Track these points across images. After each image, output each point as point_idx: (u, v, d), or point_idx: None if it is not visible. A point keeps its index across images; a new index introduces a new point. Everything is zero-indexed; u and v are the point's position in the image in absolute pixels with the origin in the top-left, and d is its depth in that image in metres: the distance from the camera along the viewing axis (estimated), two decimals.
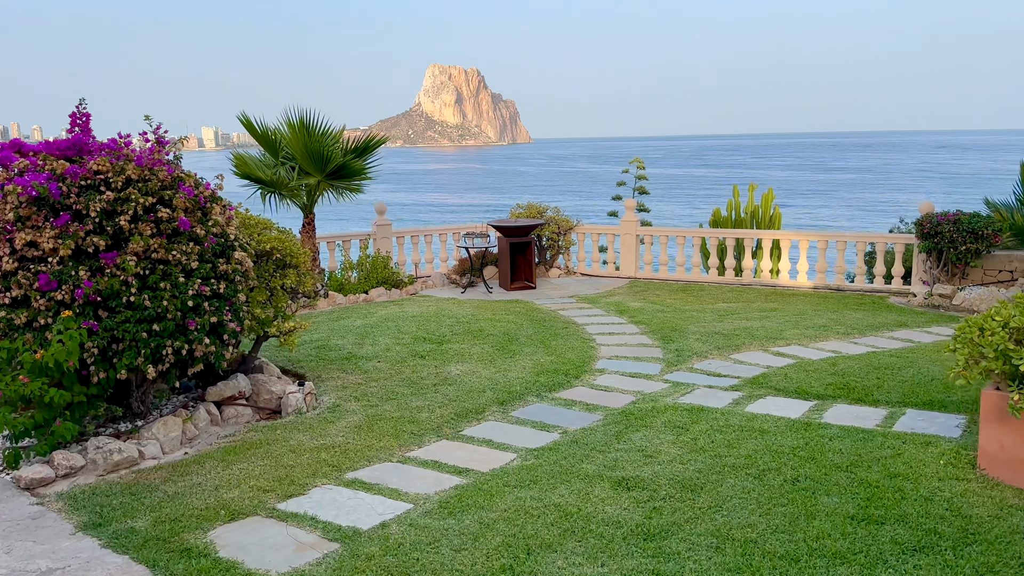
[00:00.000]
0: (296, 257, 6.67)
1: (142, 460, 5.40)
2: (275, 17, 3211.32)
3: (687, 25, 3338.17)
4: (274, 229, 12.07)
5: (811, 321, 10.46)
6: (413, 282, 13.49)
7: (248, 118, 11.61)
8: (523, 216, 14.77)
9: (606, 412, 6.69)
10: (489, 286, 13.65)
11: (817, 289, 13.10)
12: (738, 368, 8.23)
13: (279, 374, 7.22)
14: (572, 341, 9.37)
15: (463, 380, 7.63)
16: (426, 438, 6.00)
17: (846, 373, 7.84)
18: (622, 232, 14.59)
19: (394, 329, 9.89)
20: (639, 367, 8.28)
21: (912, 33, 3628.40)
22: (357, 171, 11.63)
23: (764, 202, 16.24)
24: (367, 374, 7.84)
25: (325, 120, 11.50)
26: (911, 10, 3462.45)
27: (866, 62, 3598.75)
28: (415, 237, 14.77)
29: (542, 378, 7.74)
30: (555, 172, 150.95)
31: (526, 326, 10.17)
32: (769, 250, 13.64)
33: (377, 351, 8.77)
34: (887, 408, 6.80)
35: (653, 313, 11.10)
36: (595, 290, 13.38)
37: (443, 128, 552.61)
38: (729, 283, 13.78)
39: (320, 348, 8.92)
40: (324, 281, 12.42)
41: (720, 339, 9.40)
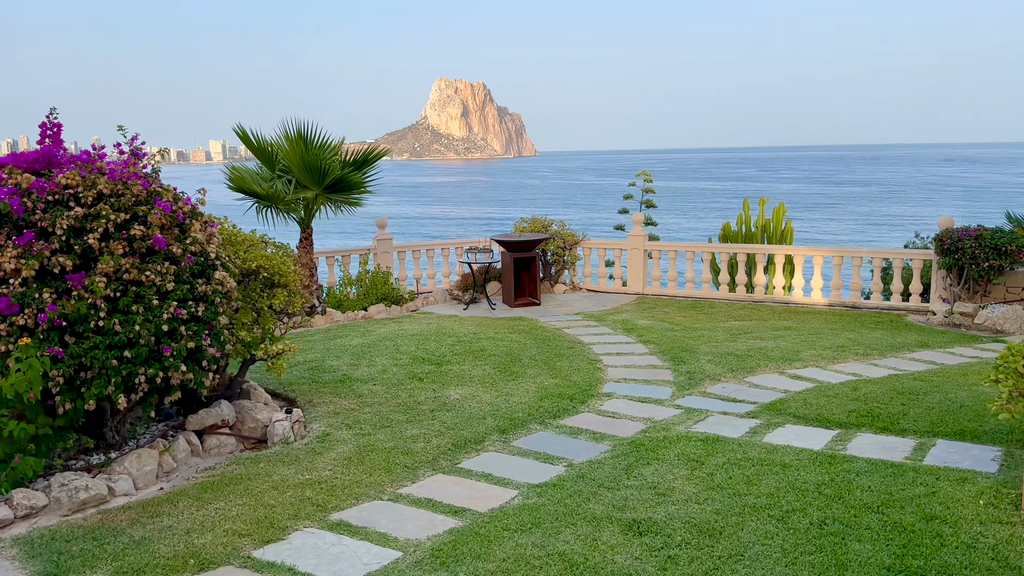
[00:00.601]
0: (285, 276, 6.27)
1: (112, 498, 4.98)
2: (282, 29, 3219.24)
3: (693, 40, 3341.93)
4: (270, 245, 11.68)
5: (828, 341, 10.01)
6: (414, 298, 13.09)
7: (245, 130, 11.26)
8: (527, 230, 14.37)
9: (614, 442, 6.25)
10: (492, 302, 13.23)
11: (832, 306, 12.65)
12: (754, 392, 7.79)
13: (267, 399, 6.80)
14: (578, 362, 8.94)
15: (462, 405, 7.20)
16: (420, 472, 5.57)
17: (869, 399, 7.39)
18: (629, 247, 14.17)
19: (392, 349, 9.48)
20: (649, 391, 7.84)
21: (916, 46, 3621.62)
22: (356, 184, 11.26)
23: (775, 216, 15.81)
24: (361, 398, 7.42)
25: (323, 132, 11.17)
26: (915, 24, 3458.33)
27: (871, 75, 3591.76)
28: (416, 252, 14.38)
29: (546, 403, 7.30)
30: (561, 185, 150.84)
31: (530, 346, 9.75)
32: (782, 266, 13.21)
33: (373, 373, 8.35)
34: (915, 438, 6.35)
35: (662, 332, 10.67)
36: (601, 307, 12.95)
37: (449, 141, 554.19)
38: (740, 300, 13.33)
39: (314, 369, 8.50)
40: (322, 297, 12.03)
41: (733, 360, 8.96)
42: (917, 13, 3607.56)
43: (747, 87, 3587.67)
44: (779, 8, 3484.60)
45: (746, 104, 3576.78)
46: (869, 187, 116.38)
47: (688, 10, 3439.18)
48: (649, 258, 14.43)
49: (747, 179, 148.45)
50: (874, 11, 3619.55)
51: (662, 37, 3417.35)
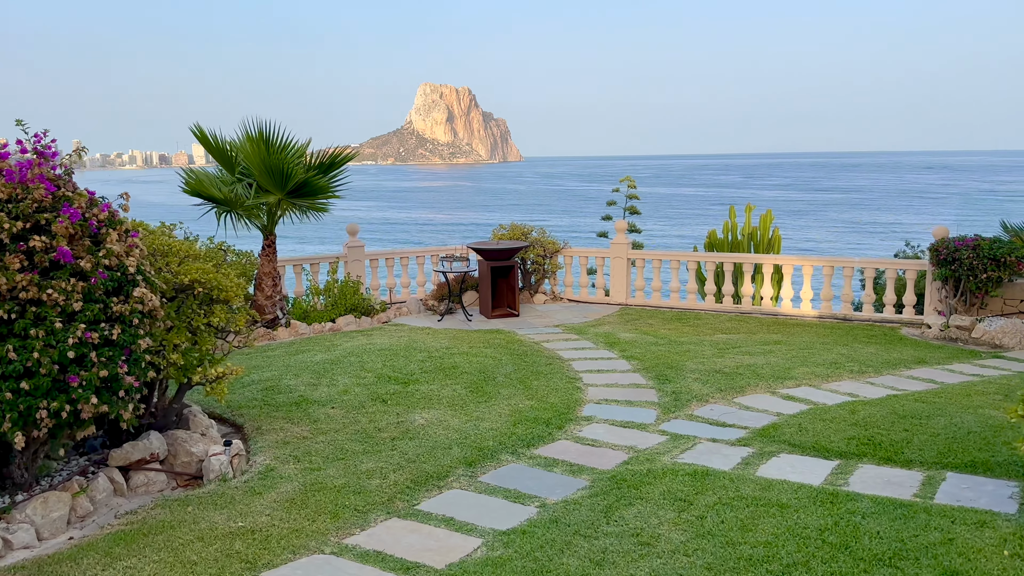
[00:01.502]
0: (226, 291, 5.60)
1: (7, 552, 4.29)
2: (268, 34, 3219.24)
3: (676, 46, 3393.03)
4: (230, 253, 11.00)
5: (820, 356, 9.46)
6: (385, 309, 12.41)
7: (203, 130, 10.56)
8: (506, 237, 13.75)
9: (593, 476, 5.62)
10: (468, 313, 12.58)
11: (822, 318, 12.11)
12: (744, 416, 7.19)
13: (209, 426, 6.12)
14: (556, 381, 8.31)
15: (427, 432, 6.55)
16: (372, 516, 4.91)
17: (869, 423, 6.81)
18: (612, 255, 13.57)
19: (357, 366, 8.81)
20: (631, 414, 7.22)
21: (898, 55, 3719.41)
22: (321, 189, 10.57)
23: (762, 223, 15.28)
24: (316, 424, 6.74)
25: (287, 133, 10.48)
26: (896, 33, 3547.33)
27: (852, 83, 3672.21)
28: (390, 260, 13.71)
29: (520, 429, 6.67)
30: (545, 191, 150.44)
31: (505, 362, 9.11)
32: (770, 276, 12.66)
33: (333, 394, 7.68)
34: (922, 470, 5.77)
35: (646, 346, 10.07)
36: (583, 318, 12.34)
37: (434, 146, 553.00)
38: (727, 311, 12.77)
39: (268, 390, 7.82)
40: (286, 309, 11.34)
41: (721, 379, 8.37)
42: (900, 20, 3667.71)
43: (731, 94, 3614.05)
44: (762, 16, 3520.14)
45: (730, 111, 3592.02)
46: (852, 194, 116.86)
47: (672, 18, 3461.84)
48: (633, 267, 13.85)
49: (731, 186, 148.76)
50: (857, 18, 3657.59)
51: (646, 44, 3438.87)
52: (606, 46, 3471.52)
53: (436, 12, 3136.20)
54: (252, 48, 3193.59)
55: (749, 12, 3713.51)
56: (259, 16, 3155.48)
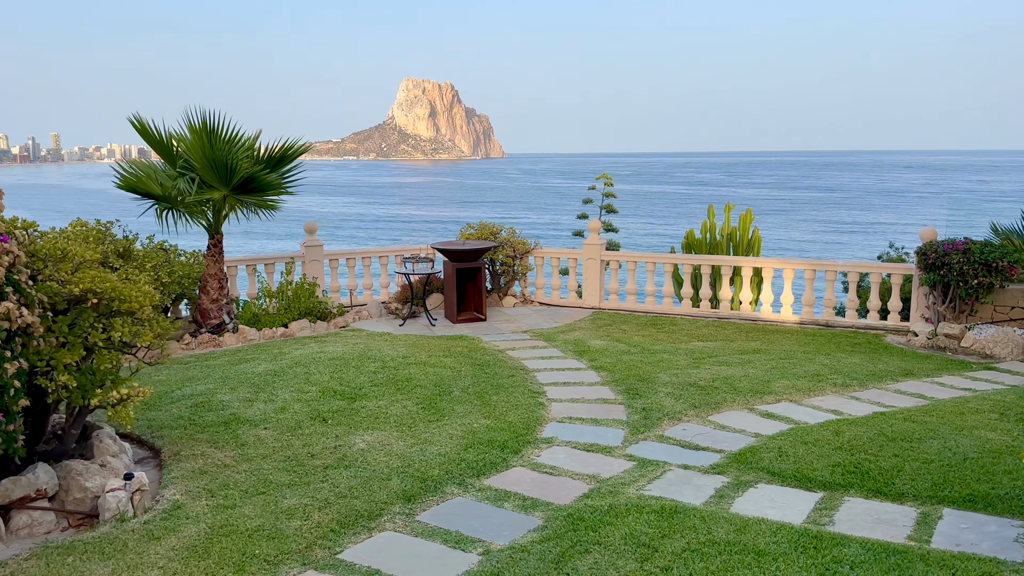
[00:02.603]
0: (129, 302, 4.88)
1: None
2: (245, 27, 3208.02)
3: (659, 44, 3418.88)
4: (171, 253, 10.23)
5: (801, 367, 8.87)
6: (343, 313, 11.69)
7: (142, 121, 9.78)
8: (474, 237, 13.06)
9: (548, 514, 4.96)
10: (433, 318, 11.89)
11: (803, 325, 11.54)
12: (719, 437, 6.57)
13: (117, 453, 5.40)
14: (517, 395, 7.65)
15: (367, 459, 5.86)
16: (284, 568, 4.22)
17: (854, 447, 6.21)
18: (585, 256, 12.93)
19: (302, 378, 8.10)
20: (597, 435, 6.58)
21: (875, 53, 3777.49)
22: (270, 185, 9.83)
23: (742, 224, 14.69)
24: (243, 449, 6.04)
25: (233, 124, 9.72)
26: (874, 30, 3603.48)
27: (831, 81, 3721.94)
28: (351, 260, 12.99)
29: (471, 454, 6.00)
30: (527, 187, 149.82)
31: (465, 373, 8.44)
32: (749, 279, 12.08)
33: (269, 412, 6.97)
34: (916, 505, 5.16)
35: (617, 355, 9.43)
36: (553, 323, 11.69)
37: (416, 142, 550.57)
38: (705, 316, 12.17)
39: (198, 407, 7.09)
40: (234, 313, 10.59)
41: (696, 393, 7.75)
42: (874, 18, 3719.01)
43: (712, 92, 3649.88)
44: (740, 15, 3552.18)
45: (712, 110, 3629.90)
46: (832, 193, 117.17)
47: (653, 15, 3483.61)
48: (607, 269, 13.21)
49: (712, 184, 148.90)
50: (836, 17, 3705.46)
51: (629, 41, 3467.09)
52: (588, 42, 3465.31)
53: (418, 6, 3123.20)
54: (234, 40, 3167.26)
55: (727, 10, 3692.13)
56: (240, 9, 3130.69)
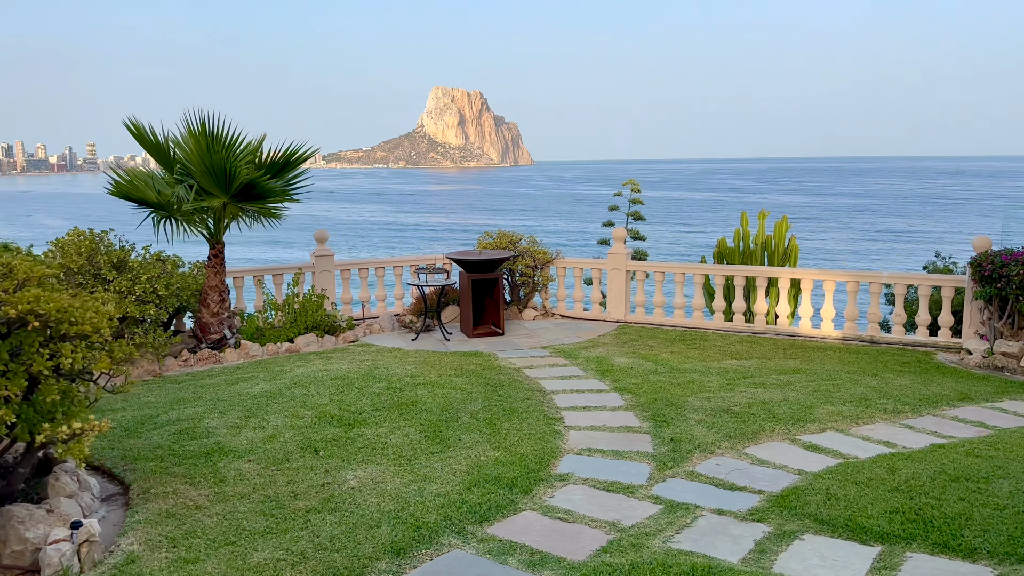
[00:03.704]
0: (80, 324, 4.28)
1: None
2: (277, 37, 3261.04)
3: (687, 51, 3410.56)
4: (168, 263, 9.68)
5: (846, 390, 8.06)
6: (353, 327, 11.07)
7: (139, 125, 9.26)
8: (492, 246, 12.39)
9: (558, 573, 4.25)
10: (447, 332, 11.23)
11: (846, 341, 10.69)
12: (758, 473, 5.81)
13: (74, 493, 4.79)
14: (532, 422, 6.94)
15: (356, 500, 5.19)
16: None
17: (913, 488, 5.42)
18: (609, 267, 12.19)
19: (299, 400, 7.47)
20: (619, 470, 5.85)
21: (911, 58, 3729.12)
22: (271, 192, 9.25)
23: (777, 231, 13.87)
24: (221, 486, 5.40)
25: (234, 127, 9.15)
26: (911, 34, 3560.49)
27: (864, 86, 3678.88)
28: (363, 270, 12.39)
29: (475, 494, 5.30)
30: (555, 194, 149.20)
31: (476, 395, 7.75)
32: (787, 291, 11.25)
33: (256, 441, 6.34)
34: (993, 566, 4.37)
35: (644, 375, 8.69)
36: (575, 338, 10.96)
37: (445, 149, 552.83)
38: (738, 331, 11.36)
39: (181, 434, 6.48)
40: (235, 327, 10.02)
41: (730, 420, 6.98)
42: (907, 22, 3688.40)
43: (743, 98, 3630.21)
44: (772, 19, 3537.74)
45: (743, 115, 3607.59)
46: (868, 199, 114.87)
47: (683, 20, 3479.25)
48: (633, 280, 12.47)
49: (744, 190, 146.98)
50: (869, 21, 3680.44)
51: (658, 49, 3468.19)
52: (617, 50, 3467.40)
53: (448, 15, 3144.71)
54: (262, 49, 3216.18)
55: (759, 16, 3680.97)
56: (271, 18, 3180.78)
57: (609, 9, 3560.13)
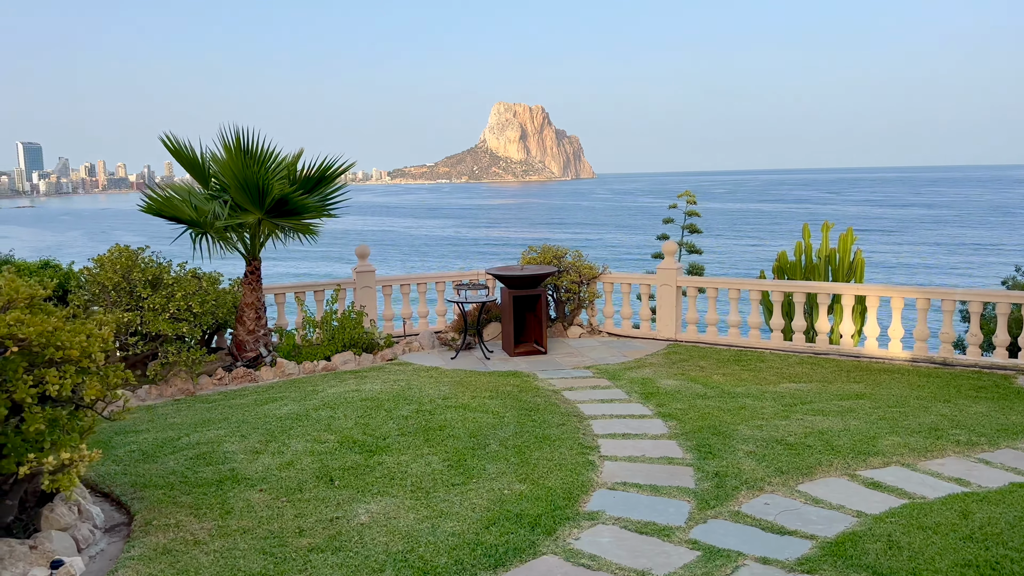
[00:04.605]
0: (67, 349, 4.04)
1: None
2: (344, 56, 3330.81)
3: (749, 59, 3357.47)
4: (203, 280, 9.54)
5: (914, 418, 7.35)
6: (391, 344, 10.79)
7: (175, 141, 9.17)
8: (535, 261, 11.97)
9: None
10: (488, 350, 10.85)
11: (916, 363, 9.89)
12: (811, 515, 5.23)
13: (66, 526, 4.54)
14: (564, 451, 6.48)
15: (364, 539, 4.81)
16: None
17: (989, 536, 4.77)
18: (659, 282, 11.63)
19: (324, 423, 7.17)
20: (655, 509, 5.34)
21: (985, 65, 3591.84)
22: (307, 207, 9.03)
23: (842, 245, 13.07)
24: (227, 518, 5.10)
25: (269, 141, 8.99)
26: (978, 44, 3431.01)
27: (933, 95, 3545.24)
28: (405, 286, 12.11)
29: (492, 533, 4.87)
30: (615, 207, 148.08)
31: (508, 420, 7.33)
32: (851, 308, 10.51)
33: (273, 467, 6.04)
34: None
35: (691, 399, 8.13)
36: (622, 357, 10.44)
37: (507, 164, 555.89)
38: (798, 351, 10.66)
39: (197, 459, 6.23)
40: (271, 345, 9.83)
41: (783, 453, 6.39)
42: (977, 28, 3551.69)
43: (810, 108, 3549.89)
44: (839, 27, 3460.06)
45: (807, 125, 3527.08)
46: (942, 210, 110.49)
47: (748, 30, 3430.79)
48: (684, 296, 11.87)
49: (809, 201, 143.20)
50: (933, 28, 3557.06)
51: (718, 59, 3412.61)
52: (681, 61, 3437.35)
53: (510, 32, 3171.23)
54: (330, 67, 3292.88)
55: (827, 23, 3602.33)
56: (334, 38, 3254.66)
57: (671, 20, 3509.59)
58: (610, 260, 12.31)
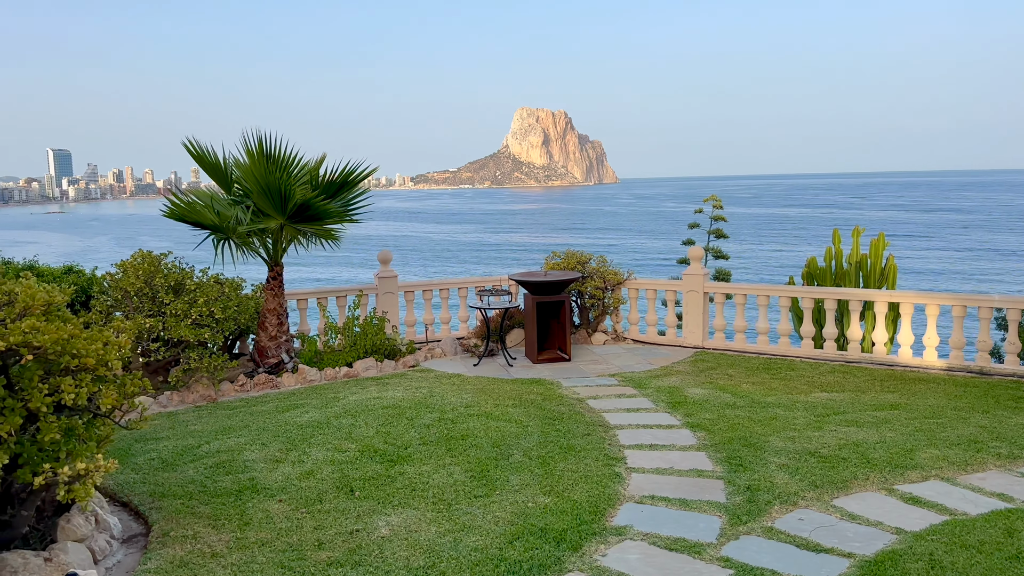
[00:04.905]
0: (83, 357, 3.95)
1: None
2: (365, 59, 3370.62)
3: (774, 63, 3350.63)
4: (228, 285, 9.49)
5: (952, 430, 7.10)
6: (414, 351, 10.68)
7: (198, 146, 9.14)
8: (559, 267, 11.82)
9: None
10: (512, 357, 10.70)
11: (952, 372, 9.61)
12: (847, 531, 5.02)
13: (83, 536, 4.46)
14: (590, 462, 6.32)
15: (384, 552, 4.68)
16: None
17: None
18: (685, 288, 11.43)
19: (345, 432, 7.07)
20: (685, 524, 5.16)
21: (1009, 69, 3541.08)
22: (329, 213, 8.95)
23: (873, 250, 12.78)
24: (245, 529, 4.99)
25: (291, 146, 8.93)
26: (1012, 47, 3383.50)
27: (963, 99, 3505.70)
28: (427, 292, 12.00)
29: (516, 549, 4.72)
30: (639, 212, 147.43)
31: (532, 429, 7.17)
32: (884, 315, 10.24)
33: (292, 477, 5.94)
34: None
35: (720, 409, 7.93)
36: (647, 365, 10.25)
37: (530, 169, 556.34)
38: (829, 359, 10.40)
39: (217, 467, 6.15)
40: (293, 351, 9.76)
41: (817, 465, 6.18)
42: None
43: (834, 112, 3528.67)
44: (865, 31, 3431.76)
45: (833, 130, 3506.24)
46: (974, 214, 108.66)
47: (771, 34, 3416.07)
48: (711, 302, 11.66)
49: (836, 206, 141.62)
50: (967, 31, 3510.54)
51: (744, 62, 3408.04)
52: (705, 66, 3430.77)
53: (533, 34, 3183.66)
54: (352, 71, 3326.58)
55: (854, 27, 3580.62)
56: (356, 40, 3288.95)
57: (695, 23, 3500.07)
58: (633, 265, 12.10)
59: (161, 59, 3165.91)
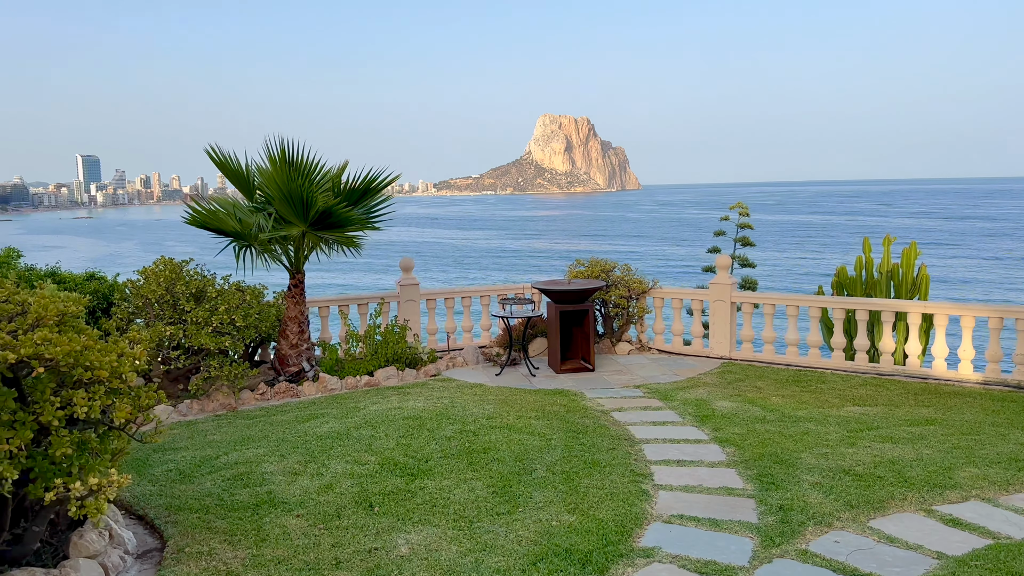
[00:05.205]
0: (97, 369, 3.85)
1: None
2: (388, 66, 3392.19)
3: (802, 70, 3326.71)
4: (249, 292, 9.42)
5: (991, 447, 6.83)
6: (435, 360, 10.55)
7: (221, 152, 9.09)
8: (583, 275, 11.64)
9: None
10: (534, 366, 10.54)
11: (988, 385, 9.30)
12: (886, 555, 4.80)
13: (95, 552, 4.36)
14: (615, 478, 6.13)
15: (403, 573, 4.52)
16: None
17: None
18: (712, 297, 11.20)
19: (365, 443, 6.94)
20: (715, 546, 4.96)
21: None
22: (350, 220, 8.86)
23: (905, 259, 12.46)
24: (262, 546, 4.87)
25: (313, 153, 8.85)
26: None
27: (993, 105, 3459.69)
28: (450, 299, 11.88)
29: (540, 571, 4.55)
30: (662, 219, 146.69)
31: (556, 443, 7.00)
32: (917, 327, 9.95)
33: (311, 491, 5.81)
34: None
35: (749, 423, 7.71)
36: (673, 376, 10.04)
37: (552, 175, 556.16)
38: (861, 371, 10.12)
39: (234, 480, 6.03)
40: (314, 359, 9.66)
41: (852, 484, 5.95)
42: None
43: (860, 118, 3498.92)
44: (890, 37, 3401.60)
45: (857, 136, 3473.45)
46: (1005, 223, 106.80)
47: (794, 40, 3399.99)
48: (739, 312, 11.41)
49: (863, 213, 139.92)
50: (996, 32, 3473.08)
51: (769, 69, 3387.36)
52: (729, 71, 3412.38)
53: (556, 41, 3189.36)
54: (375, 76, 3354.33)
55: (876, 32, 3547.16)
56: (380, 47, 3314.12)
57: (718, 30, 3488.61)
58: (656, 272, 11.92)
59: (189, 64, 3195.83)
